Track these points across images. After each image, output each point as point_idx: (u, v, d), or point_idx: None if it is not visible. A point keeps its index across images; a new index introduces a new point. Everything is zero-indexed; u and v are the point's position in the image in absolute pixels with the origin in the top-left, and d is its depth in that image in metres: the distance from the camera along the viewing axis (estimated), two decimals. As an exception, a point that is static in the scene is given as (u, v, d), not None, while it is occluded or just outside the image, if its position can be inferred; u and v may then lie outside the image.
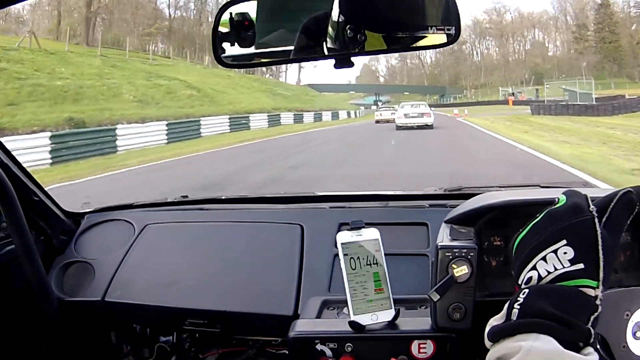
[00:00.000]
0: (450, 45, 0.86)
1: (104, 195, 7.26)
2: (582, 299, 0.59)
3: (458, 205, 1.09)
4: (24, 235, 1.17)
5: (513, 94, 65.55)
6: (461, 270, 0.90)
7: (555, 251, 0.62)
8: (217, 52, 0.91)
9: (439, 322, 0.94)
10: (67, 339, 1.39)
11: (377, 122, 28.11)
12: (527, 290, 0.61)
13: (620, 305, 0.64)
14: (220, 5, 0.92)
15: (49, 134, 12.48)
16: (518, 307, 0.60)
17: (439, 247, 0.93)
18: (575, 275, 0.60)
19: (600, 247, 0.60)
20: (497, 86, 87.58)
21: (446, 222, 1.05)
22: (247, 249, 1.33)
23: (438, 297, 0.90)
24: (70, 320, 1.33)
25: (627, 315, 0.64)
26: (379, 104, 67.97)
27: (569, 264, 0.61)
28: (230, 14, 0.90)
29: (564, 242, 0.62)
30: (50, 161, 11.57)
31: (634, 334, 0.65)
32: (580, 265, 0.60)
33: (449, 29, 0.84)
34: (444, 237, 0.98)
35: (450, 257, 0.92)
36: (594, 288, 0.60)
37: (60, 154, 11.93)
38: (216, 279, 1.28)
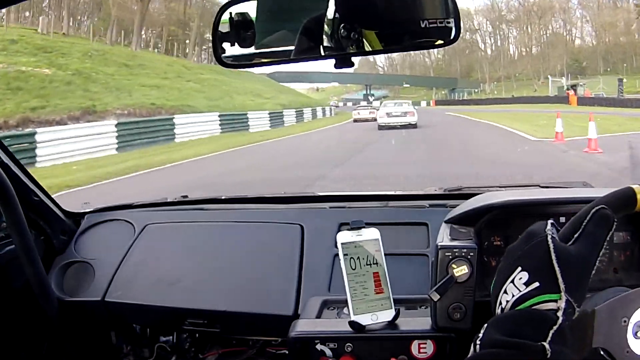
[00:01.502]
0: (459, 38, 0.85)
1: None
2: (535, 317, 0.60)
3: (458, 205, 1.09)
4: (24, 235, 1.17)
5: (574, 87, 41.92)
6: (461, 270, 0.90)
7: (512, 280, 0.63)
8: (218, 52, 0.91)
9: (439, 322, 0.94)
10: (67, 339, 1.38)
11: (355, 120, 28.13)
12: (485, 325, 0.62)
13: (616, 315, 0.64)
14: (221, 5, 0.92)
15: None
16: (478, 342, 0.61)
17: (438, 247, 0.94)
18: (530, 296, 0.61)
19: (554, 260, 0.61)
20: (524, 79, 71.21)
21: (446, 222, 1.05)
22: (247, 249, 1.33)
23: (438, 297, 0.90)
24: (70, 320, 1.33)
25: (625, 321, 0.64)
26: (370, 99, 56.58)
27: (524, 287, 0.62)
28: (230, 13, 0.90)
29: (519, 269, 0.63)
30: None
31: (634, 334, 0.65)
32: (535, 284, 0.61)
33: (449, 26, 0.84)
34: (444, 237, 0.98)
35: (450, 257, 0.92)
36: (555, 301, 0.60)
37: None
38: (216, 279, 1.28)
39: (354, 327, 0.96)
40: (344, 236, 0.96)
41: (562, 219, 1.01)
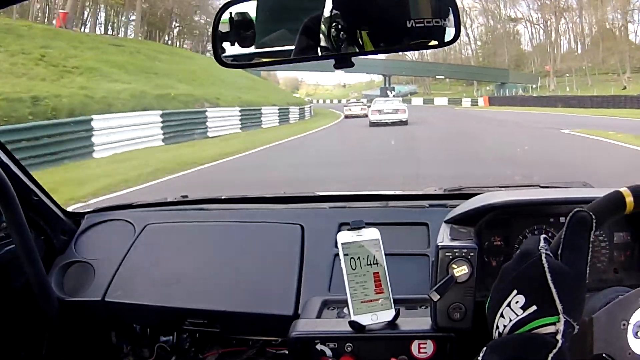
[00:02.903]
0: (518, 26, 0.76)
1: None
2: (534, 341, 0.60)
3: (458, 205, 1.09)
4: (24, 235, 1.17)
5: None
6: (461, 270, 0.90)
7: (509, 304, 0.63)
8: (217, 52, 0.91)
9: (439, 322, 0.94)
10: (67, 339, 1.38)
11: (347, 117, 27.83)
12: (485, 348, 0.62)
13: (615, 319, 0.64)
14: (220, 5, 0.92)
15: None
16: None
17: (439, 247, 0.94)
18: (528, 319, 0.61)
19: (550, 281, 0.60)
20: (596, 72, 50.81)
21: (446, 222, 1.05)
22: (247, 249, 1.33)
23: (438, 297, 0.90)
24: (70, 320, 1.33)
25: (624, 325, 0.64)
26: (390, 94, 44.17)
27: (521, 311, 0.62)
28: (230, 13, 0.90)
29: (515, 292, 0.63)
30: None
31: (635, 334, 0.65)
32: (533, 308, 0.61)
33: (448, 27, 0.84)
34: (444, 237, 0.98)
35: (450, 257, 0.92)
36: (554, 323, 0.60)
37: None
38: (216, 279, 1.28)
39: (354, 327, 0.96)
40: (344, 236, 0.96)
41: (562, 219, 1.01)
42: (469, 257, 0.91)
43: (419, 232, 1.29)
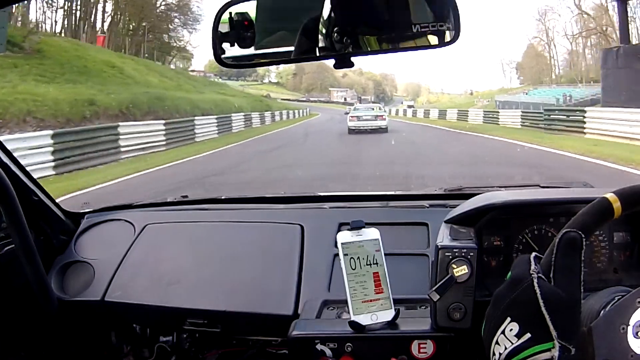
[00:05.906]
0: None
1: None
2: None
3: (458, 205, 1.09)
4: (24, 235, 1.17)
5: None
6: (461, 270, 0.90)
7: (503, 332, 0.63)
8: (217, 52, 0.91)
9: (439, 321, 0.94)
10: (67, 339, 1.38)
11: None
12: None
13: (614, 325, 0.64)
14: (221, 5, 0.92)
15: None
16: None
17: (439, 247, 0.94)
18: (523, 348, 0.61)
19: (543, 308, 0.60)
20: None
21: (446, 222, 1.05)
22: (247, 249, 1.33)
23: (438, 297, 0.90)
24: (70, 320, 1.33)
25: (623, 329, 0.64)
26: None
27: (516, 340, 0.62)
28: (230, 13, 0.90)
29: (508, 319, 0.63)
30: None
31: (635, 335, 0.65)
32: (527, 336, 0.61)
33: (449, 29, 0.84)
34: (444, 237, 0.98)
35: (450, 257, 0.92)
36: (549, 349, 0.60)
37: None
38: (216, 279, 1.28)
39: (354, 327, 0.96)
40: (344, 236, 0.96)
41: (562, 219, 1.01)
42: (469, 257, 0.92)
43: (419, 232, 1.29)
